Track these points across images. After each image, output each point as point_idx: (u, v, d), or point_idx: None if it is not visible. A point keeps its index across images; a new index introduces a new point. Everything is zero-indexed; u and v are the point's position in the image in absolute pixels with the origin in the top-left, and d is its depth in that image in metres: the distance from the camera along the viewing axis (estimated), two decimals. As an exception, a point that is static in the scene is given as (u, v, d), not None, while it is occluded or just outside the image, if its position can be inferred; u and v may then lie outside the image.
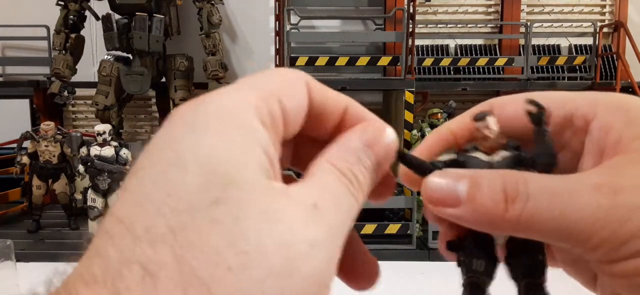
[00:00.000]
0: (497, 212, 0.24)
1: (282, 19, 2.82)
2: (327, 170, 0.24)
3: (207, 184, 0.20)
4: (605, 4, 3.41)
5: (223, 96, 0.23)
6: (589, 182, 0.23)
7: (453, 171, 0.26)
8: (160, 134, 0.23)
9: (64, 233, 2.61)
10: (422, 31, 3.28)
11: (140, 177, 0.21)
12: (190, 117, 0.22)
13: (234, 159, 0.21)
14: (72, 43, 3.06)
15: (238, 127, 0.22)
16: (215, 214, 0.20)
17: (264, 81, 0.24)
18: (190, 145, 0.21)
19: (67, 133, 2.67)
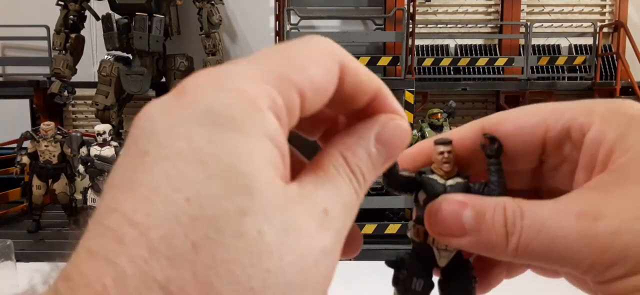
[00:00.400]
0: (500, 244, 0.25)
1: (282, 19, 2.82)
2: (339, 167, 0.23)
3: (230, 191, 0.18)
4: (605, 4, 3.41)
5: (235, 79, 0.20)
6: (572, 209, 0.24)
7: (456, 198, 0.26)
8: (164, 108, 0.21)
9: (64, 233, 2.61)
10: (422, 31, 3.28)
11: (147, 165, 0.19)
12: (207, 102, 0.20)
13: (253, 160, 0.19)
14: (72, 43, 3.06)
15: (260, 132, 0.20)
16: (240, 227, 0.18)
17: (287, 59, 0.22)
18: (210, 144, 0.19)
19: (67, 133, 2.67)
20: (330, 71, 0.22)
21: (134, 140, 0.20)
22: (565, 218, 0.24)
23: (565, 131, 0.26)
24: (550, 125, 0.27)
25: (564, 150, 0.27)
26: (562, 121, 0.26)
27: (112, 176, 0.20)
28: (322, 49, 0.22)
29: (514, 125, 0.27)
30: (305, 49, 0.22)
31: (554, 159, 0.28)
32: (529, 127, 0.27)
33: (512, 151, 0.27)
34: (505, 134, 0.27)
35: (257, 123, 0.20)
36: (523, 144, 0.27)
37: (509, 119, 0.27)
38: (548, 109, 0.27)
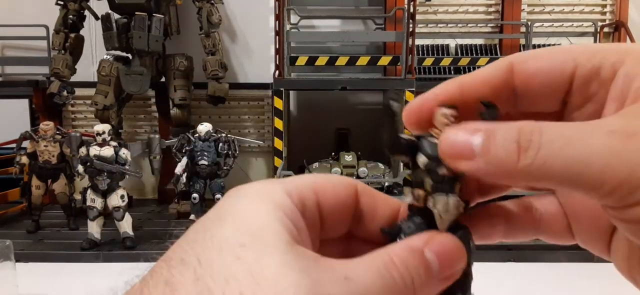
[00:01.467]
0: (510, 162, 0.23)
1: (282, 19, 2.81)
2: (377, 258, 0.25)
3: (237, 234, 0.23)
4: (606, 4, 3.41)
5: (266, 181, 0.27)
6: (603, 128, 0.22)
7: (469, 124, 0.25)
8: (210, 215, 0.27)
9: (63, 233, 2.60)
10: (422, 31, 3.27)
11: (189, 230, 0.25)
12: (235, 192, 0.26)
13: (263, 223, 0.24)
14: (72, 43, 3.06)
15: (266, 198, 0.25)
16: (239, 253, 0.23)
17: (305, 177, 0.28)
18: (228, 207, 0.25)
19: (67, 133, 2.66)
20: (343, 185, 0.28)
21: None
22: (593, 134, 0.22)
23: (595, 69, 0.26)
24: (581, 63, 0.26)
25: (591, 88, 0.26)
26: (593, 60, 0.26)
27: None
28: (336, 177, 0.29)
29: (543, 62, 0.27)
30: (320, 176, 0.28)
31: (579, 98, 0.27)
32: (559, 63, 0.26)
33: (539, 88, 0.27)
34: (535, 70, 0.27)
35: (268, 197, 0.25)
36: (551, 81, 0.26)
37: (539, 56, 0.27)
38: (579, 49, 0.27)
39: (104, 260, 2.25)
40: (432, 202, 0.27)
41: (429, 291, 0.25)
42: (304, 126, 3.51)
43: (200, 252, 0.23)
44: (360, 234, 0.29)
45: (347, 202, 0.28)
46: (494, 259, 2.25)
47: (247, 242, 0.23)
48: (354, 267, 0.24)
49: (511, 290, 1.98)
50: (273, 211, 0.24)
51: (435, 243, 0.26)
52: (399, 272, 0.24)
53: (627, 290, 1.32)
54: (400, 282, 0.24)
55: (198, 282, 0.22)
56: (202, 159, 2.62)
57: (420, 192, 0.27)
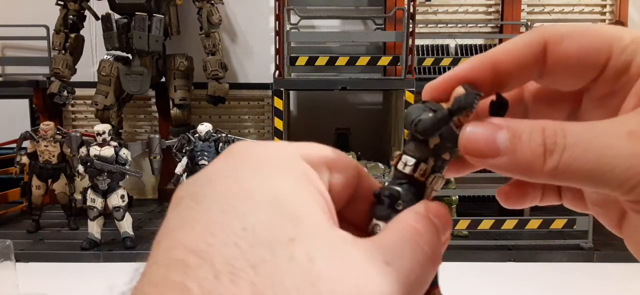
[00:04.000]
0: (537, 164, 0.24)
1: (282, 19, 2.81)
2: (401, 225, 0.25)
3: (280, 221, 0.21)
4: (606, 4, 3.41)
5: (278, 145, 0.25)
6: (623, 129, 0.23)
7: (492, 121, 0.26)
8: (219, 165, 0.24)
9: (64, 233, 2.60)
10: (422, 31, 3.27)
11: (205, 205, 0.21)
12: (250, 156, 0.24)
13: (301, 201, 0.22)
14: (72, 43, 3.06)
15: (299, 173, 0.23)
16: (292, 251, 0.20)
17: (315, 145, 0.26)
18: (256, 182, 0.22)
19: (67, 133, 2.66)
20: (351, 165, 0.27)
21: (187, 189, 0.23)
22: (614, 137, 0.23)
23: (626, 64, 0.26)
24: (615, 53, 0.26)
25: (619, 82, 0.26)
26: (626, 52, 0.26)
27: (167, 223, 0.22)
28: (344, 154, 0.28)
29: (580, 45, 0.26)
30: (330, 149, 0.27)
31: (604, 88, 0.27)
32: (594, 50, 0.26)
33: (567, 70, 0.27)
34: (568, 52, 0.26)
35: (295, 168, 0.23)
36: (582, 66, 0.26)
37: (573, 36, 0.26)
38: (614, 35, 0.26)
39: (105, 260, 2.25)
40: (431, 179, 0.28)
41: (442, 252, 0.26)
42: (304, 126, 3.51)
43: (250, 256, 0.20)
44: (348, 217, 0.29)
45: (349, 183, 0.28)
46: (493, 259, 2.25)
47: (295, 235, 0.21)
48: (390, 245, 0.24)
49: (511, 290, 1.98)
50: (310, 192, 0.23)
51: (433, 208, 0.26)
52: (425, 240, 0.25)
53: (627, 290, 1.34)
54: (428, 250, 0.25)
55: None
56: (203, 159, 2.62)
57: (426, 168, 0.28)
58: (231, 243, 0.20)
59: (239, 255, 0.20)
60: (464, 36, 3.39)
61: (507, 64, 0.28)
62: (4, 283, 1.63)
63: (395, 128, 3.01)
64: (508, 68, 0.28)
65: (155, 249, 0.22)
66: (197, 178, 0.24)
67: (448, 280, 0.30)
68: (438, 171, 0.28)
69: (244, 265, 0.20)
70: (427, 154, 0.28)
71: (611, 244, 2.31)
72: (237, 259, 0.20)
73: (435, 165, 0.28)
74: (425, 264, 0.24)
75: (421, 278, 0.24)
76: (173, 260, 0.20)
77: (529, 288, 1.99)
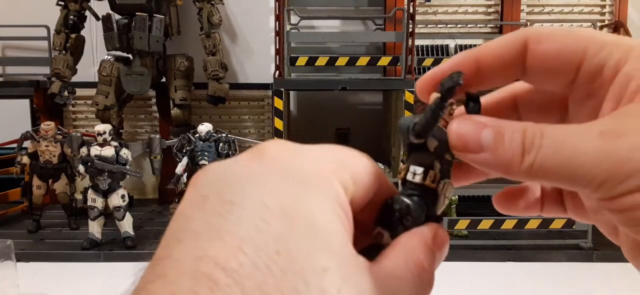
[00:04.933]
0: (515, 161, 0.25)
1: (282, 19, 2.82)
2: (409, 258, 0.26)
3: (315, 250, 0.20)
4: (605, 4, 3.41)
5: (315, 156, 0.24)
6: (595, 129, 0.24)
7: (477, 118, 0.27)
8: (252, 168, 0.23)
9: (64, 233, 2.61)
10: (422, 31, 3.28)
11: (237, 215, 0.20)
12: (286, 166, 0.23)
13: (335, 230, 0.22)
14: (72, 43, 3.06)
15: (334, 197, 0.23)
16: (324, 283, 0.20)
17: (345, 154, 0.26)
18: (292, 201, 0.21)
19: (67, 133, 2.67)
20: (372, 170, 0.27)
21: (214, 188, 0.22)
22: (586, 136, 0.24)
23: (599, 66, 0.26)
24: (588, 56, 0.27)
25: (594, 85, 0.27)
26: (599, 56, 0.26)
27: (189, 222, 0.21)
28: (365, 157, 0.27)
29: (556, 47, 0.27)
30: (352, 154, 0.26)
31: (582, 91, 0.28)
32: (569, 52, 0.27)
33: (545, 71, 0.28)
34: (545, 53, 0.27)
35: (330, 190, 0.23)
36: (558, 67, 0.27)
37: (552, 38, 0.27)
38: (589, 38, 0.27)
39: (105, 260, 2.26)
40: (442, 187, 0.28)
41: None
42: (304, 126, 3.51)
43: (282, 283, 0.19)
44: (356, 216, 0.29)
45: (370, 192, 0.27)
46: (493, 259, 2.26)
47: (328, 266, 0.20)
48: (394, 276, 0.25)
49: (511, 290, 1.98)
50: (341, 218, 0.23)
51: (439, 239, 0.27)
52: (427, 275, 0.26)
53: (627, 290, 1.34)
54: (426, 283, 0.26)
55: None
56: (203, 159, 2.63)
57: (436, 174, 0.28)
58: (263, 266, 0.19)
59: (272, 282, 0.19)
60: (464, 36, 3.40)
61: (489, 61, 0.29)
62: (4, 283, 1.64)
63: (395, 128, 3.01)
64: (490, 65, 0.29)
65: (174, 246, 0.20)
66: (224, 176, 0.22)
67: (448, 280, 0.30)
68: (446, 176, 0.28)
69: (276, 293, 0.19)
70: (431, 158, 0.28)
71: (610, 244, 2.29)
72: (268, 286, 0.19)
73: (442, 169, 0.28)
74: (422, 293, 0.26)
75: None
76: (200, 273, 0.19)
77: (529, 288, 2.00)
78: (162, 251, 0.21)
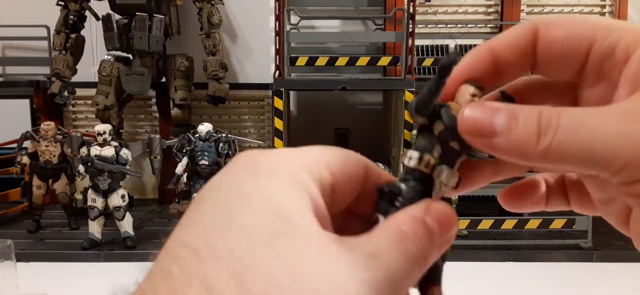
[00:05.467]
0: (530, 144, 0.25)
1: (282, 19, 2.82)
2: (390, 230, 0.25)
3: (269, 219, 0.22)
4: (605, 4, 3.41)
5: (280, 154, 0.26)
6: (614, 111, 0.24)
7: (491, 103, 0.26)
8: (223, 174, 0.25)
9: (64, 233, 2.61)
10: (422, 31, 3.28)
11: (204, 210, 0.23)
12: (251, 164, 0.25)
13: (292, 203, 0.23)
14: (72, 43, 3.06)
15: (295, 180, 0.24)
16: (274, 243, 0.22)
17: (318, 151, 0.27)
18: (254, 188, 0.24)
19: (68, 133, 2.67)
20: (355, 163, 0.28)
21: (196, 201, 0.25)
22: (605, 118, 0.23)
23: (610, 49, 0.26)
24: (598, 40, 0.26)
25: (605, 68, 0.27)
26: (608, 40, 0.26)
27: (175, 227, 0.24)
28: (350, 152, 0.28)
29: (565, 32, 0.27)
30: (333, 150, 0.27)
31: (592, 75, 0.28)
32: (578, 35, 0.27)
33: (556, 57, 0.28)
34: (554, 38, 0.27)
35: (293, 175, 0.24)
36: (567, 52, 0.27)
37: (561, 24, 0.27)
38: (598, 23, 0.27)
39: (105, 260, 2.26)
40: (438, 172, 0.28)
41: (435, 256, 0.27)
42: (304, 126, 3.51)
43: (231, 242, 0.22)
44: (357, 210, 0.29)
45: (357, 181, 0.28)
46: (493, 259, 2.26)
47: (280, 230, 0.22)
48: (375, 243, 0.24)
49: (511, 290, 1.98)
50: (303, 197, 0.24)
51: (433, 210, 0.26)
52: (412, 242, 0.25)
53: (626, 290, 1.34)
54: (415, 251, 0.25)
55: (234, 279, 0.21)
56: (203, 159, 2.63)
57: (430, 159, 0.28)
58: (220, 238, 0.22)
59: (222, 244, 0.21)
60: (464, 36, 3.40)
61: (505, 52, 0.29)
62: (4, 283, 1.64)
63: (395, 128, 3.01)
64: (506, 56, 0.29)
65: (172, 237, 0.24)
66: (205, 186, 0.25)
67: (447, 280, 0.30)
68: (448, 163, 0.28)
69: (225, 252, 0.21)
70: (433, 142, 0.28)
71: (610, 243, 2.32)
72: (220, 248, 0.21)
73: (443, 156, 0.28)
74: (410, 263, 0.25)
75: (404, 276, 0.24)
76: (166, 252, 0.22)
77: (529, 288, 2.00)
78: None
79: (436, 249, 0.26)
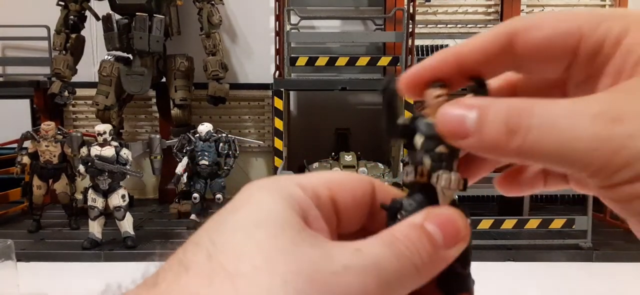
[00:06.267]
0: (500, 143, 0.24)
1: (282, 19, 2.82)
2: (383, 235, 0.26)
3: (252, 216, 0.25)
4: (605, 4, 3.41)
5: (280, 176, 0.28)
6: (589, 110, 0.23)
7: (465, 100, 0.26)
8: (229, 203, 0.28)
9: (65, 233, 2.61)
10: (422, 31, 3.28)
11: (205, 227, 0.27)
12: (250, 185, 0.28)
13: (275, 205, 0.25)
14: (73, 43, 3.06)
15: (284, 192, 0.26)
16: (253, 232, 0.24)
17: (322, 173, 0.29)
18: (246, 197, 0.26)
19: (68, 133, 2.67)
20: (358, 182, 0.29)
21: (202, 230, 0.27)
22: (580, 120, 0.22)
23: (599, 43, 0.25)
24: (585, 35, 0.25)
25: (595, 63, 0.26)
26: (597, 33, 0.25)
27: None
28: (354, 174, 0.30)
29: (547, 33, 0.26)
30: (337, 173, 0.29)
31: (581, 72, 0.26)
32: (563, 34, 0.25)
33: (540, 59, 0.26)
34: (537, 40, 0.26)
35: (282, 190, 0.26)
36: (553, 53, 0.26)
37: (543, 24, 0.26)
38: (585, 16, 0.25)
39: (105, 260, 2.26)
40: (436, 178, 0.28)
41: (441, 261, 0.26)
42: (304, 126, 3.51)
43: (213, 235, 0.24)
44: (374, 230, 0.29)
45: (363, 199, 0.29)
46: (493, 259, 2.26)
47: (260, 221, 0.24)
48: (364, 242, 0.25)
49: (511, 290, 1.98)
50: (286, 199, 0.26)
51: (434, 215, 0.26)
52: (404, 244, 0.25)
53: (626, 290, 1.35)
54: (407, 253, 0.25)
55: (211, 259, 0.23)
56: (203, 159, 2.63)
57: (424, 168, 0.28)
58: (206, 233, 0.25)
59: (206, 237, 0.25)
60: (464, 36, 3.39)
61: (471, 57, 0.28)
62: (5, 282, 1.64)
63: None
64: (472, 60, 0.28)
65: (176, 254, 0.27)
66: None
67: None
68: (446, 168, 0.28)
69: (205, 242, 0.24)
70: (420, 154, 0.28)
71: (610, 243, 2.32)
72: (203, 240, 0.25)
73: (437, 163, 0.28)
74: (403, 264, 0.24)
75: (397, 274, 0.24)
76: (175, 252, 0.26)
77: (528, 288, 2.00)
78: None
79: (444, 254, 0.26)
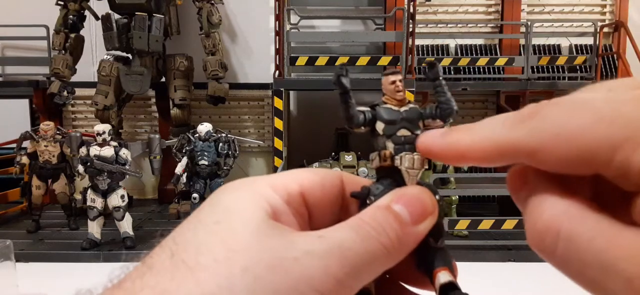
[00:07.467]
0: None
1: (282, 19, 2.82)
2: (350, 220, 0.27)
3: (212, 213, 0.26)
4: (606, 4, 3.41)
5: (254, 178, 0.30)
6: None
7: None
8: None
9: (64, 233, 2.60)
10: (422, 31, 3.28)
11: (185, 226, 0.28)
12: (225, 187, 0.29)
13: (239, 201, 0.27)
14: (72, 43, 3.06)
15: (252, 191, 0.28)
16: (214, 228, 0.25)
17: (291, 171, 0.31)
18: (217, 199, 0.28)
19: (67, 133, 2.66)
20: (325, 176, 0.31)
21: None
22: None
23: (622, 174, 0.21)
24: (602, 166, 0.21)
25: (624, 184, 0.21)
26: (615, 163, 0.21)
27: None
28: (323, 170, 0.32)
29: (556, 159, 0.22)
30: (301, 170, 0.31)
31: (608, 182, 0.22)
32: (575, 161, 0.22)
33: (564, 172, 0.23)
34: (551, 166, 0.23)
35: (252, 190, 0.28)
36: (571, 171, 0.23)
37: (549, 148, 0.22)
38: (592, 135, 0.21)
39: (104, 260, 2.25)
40: (399, 160, 0.29)
41: (411, 238, 0.27)
42: (304, 126, 3.51)
43: (176, 236, 0.26)
44: (344, 218, 0.30)
45: (332, 192, 0.30)
46: (493, 259, 2.26)
47: (221, 219, 0.26)
48: (328, 229, 0.26)
49: (511, 290, 1.98)
50: (252, 196, 0.27)
51: (399, 195, 0.28)
52: (370, 226, 0.26)
53: (626, 290, 1.28)
54: (374, 233, 0.26)
55: (173, 256, 0.25)
56: (202, 159, 2.62)
57: (386, 152, 0.30)
58: (170, 236, 0.27)
59: (170, 238, 0.27)
60: (464, 36, 3.39)
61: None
62: (4, 283, 1.63)
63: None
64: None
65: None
66: None
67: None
68: (405, 150, 0.30)
69: (168, 242, 0.26)
70: (383, 139, 0.31)
71: (611, 244, 2.31)
72: (167, 241, 0.27)
73: (397, 147, 0.30)
74: (370, 243, 0.25)
75: (364, 254, 0.25)
76: None
77: (529, 288, 1.99)
78: None
79: (412, 231, 0.27)
